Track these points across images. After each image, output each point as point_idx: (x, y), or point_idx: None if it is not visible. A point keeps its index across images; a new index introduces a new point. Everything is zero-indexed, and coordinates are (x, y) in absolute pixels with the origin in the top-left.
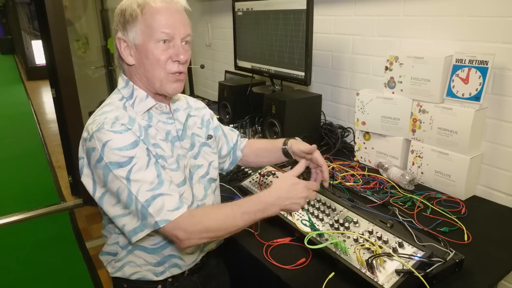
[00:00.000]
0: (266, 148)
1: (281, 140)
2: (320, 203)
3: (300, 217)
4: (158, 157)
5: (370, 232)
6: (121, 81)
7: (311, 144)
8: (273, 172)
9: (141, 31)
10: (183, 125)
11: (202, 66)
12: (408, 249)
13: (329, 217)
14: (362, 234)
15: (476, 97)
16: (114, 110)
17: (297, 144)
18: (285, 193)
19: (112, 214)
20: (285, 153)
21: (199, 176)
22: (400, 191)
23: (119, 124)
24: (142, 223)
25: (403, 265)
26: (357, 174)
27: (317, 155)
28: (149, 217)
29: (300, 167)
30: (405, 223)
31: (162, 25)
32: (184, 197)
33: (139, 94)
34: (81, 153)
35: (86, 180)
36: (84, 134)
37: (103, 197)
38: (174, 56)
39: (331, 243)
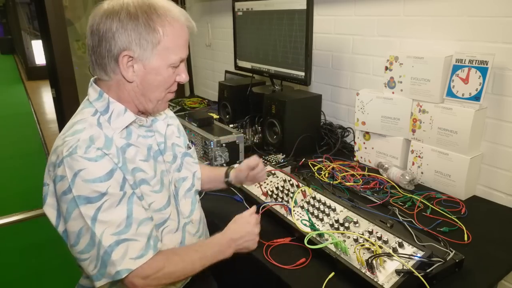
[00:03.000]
0: (212, 178)
1: (223, 170)
2: (320, 203)
3: (300, 217)
4: (140, 184)
5: (370, 232)
6: (92, 92)
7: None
8: (273, 172)
9: (158, 52)
10: (164, 137)
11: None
12: (408, 249)
13: (329, 217)
14: (362, 234)
15: (476, 97)
16: (88, 129)
17: (239, 167)
18: (236, 234)
19: (72, 253)
20: (228, 183)
21: (185, 190)
22: (400, 191)
23: (94, 149)
24: (99, 272)
25: (403, 265)
26: (357, 174)
27: (250, 161)
28: (109, 265)
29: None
30: (405, 223)
31: (181, 52)
32: (171, 218)
33: (116, 108)
34: (47, 179)
35: (49, 210)
36: (53, 158)
37: (65, 234)
38: (178, 78)
39: (331, 243)
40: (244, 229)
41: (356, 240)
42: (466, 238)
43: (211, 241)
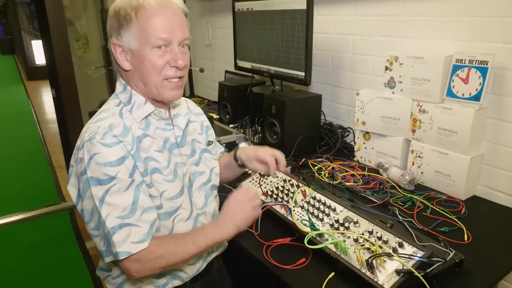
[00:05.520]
0: (227, 163)
1: (232, 154)
2: (320, 203)
3: (300, 217)
4: (152, 172)
5: (370, 232)
6: (119, 85)
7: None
8: None
9: (136, 36)
10: (183, 132)
11: (202, 70)
12: (408, 249)
13: (329, 217)
14: (362, 234)
15: (476, 97)
16: (109, 117)
17: (245, 151)
18: (230, 212)
19: (88, 230)
20: (240, 165)
21: (201, 183)
22: (400, 191)
23: (111, 135)
24: (107, 249)
25: (403, 265)
26: (357, 174)
27: (261, 154)
28: (111, 245)
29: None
30: (405, 223)
31: (158, 30)
32: (183, 207)
33: (137, 100)
34: (72, 161)
35: (71, 189)
36: (78, 142)
37: (82, 211)
38: (172, 62)
39: (331, 243)
40: (240, 203)
41: (356, 240)
42: (466, 238)
43: (207, 225)
